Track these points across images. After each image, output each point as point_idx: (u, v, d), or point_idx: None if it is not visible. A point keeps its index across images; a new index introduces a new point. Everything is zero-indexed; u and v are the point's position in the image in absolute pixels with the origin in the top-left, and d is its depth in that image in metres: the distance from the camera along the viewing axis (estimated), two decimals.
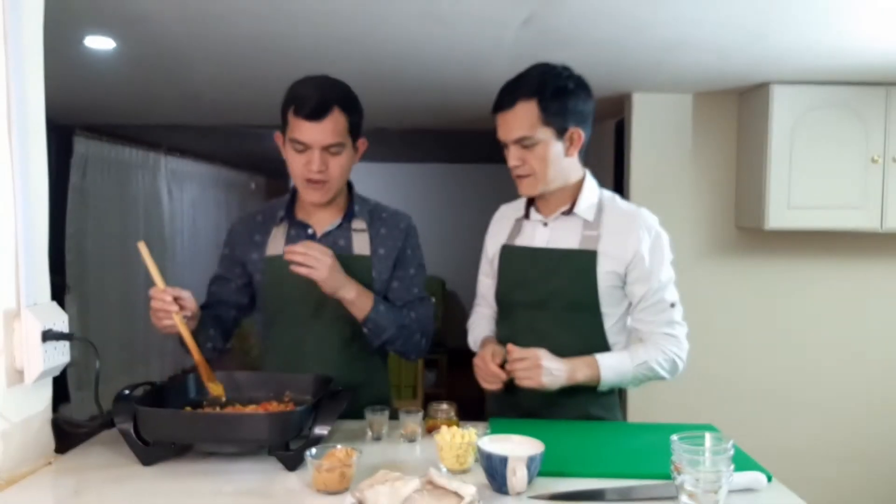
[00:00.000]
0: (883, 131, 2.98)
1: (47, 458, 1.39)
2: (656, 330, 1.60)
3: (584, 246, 1.60)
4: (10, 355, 1.31)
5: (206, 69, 2.89)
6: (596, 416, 1.66)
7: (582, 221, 1.62)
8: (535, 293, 1.63)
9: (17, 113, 1.30)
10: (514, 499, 1.20)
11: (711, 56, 2.61)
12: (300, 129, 1.59)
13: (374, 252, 1.72)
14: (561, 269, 1.60)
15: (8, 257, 1.31)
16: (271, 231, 1.74)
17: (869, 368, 3.41)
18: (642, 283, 1.58)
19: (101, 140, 4.95)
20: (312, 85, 1.62)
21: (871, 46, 2.43)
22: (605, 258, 1.58)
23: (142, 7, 2.09)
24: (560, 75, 1.56)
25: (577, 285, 1.59)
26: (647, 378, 1.59)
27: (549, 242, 1.64)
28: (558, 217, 1.64)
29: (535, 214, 1.68)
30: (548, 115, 1.52)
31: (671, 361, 1.60)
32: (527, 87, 1.54)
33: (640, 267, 1.58)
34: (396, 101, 3.53)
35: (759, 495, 1.24)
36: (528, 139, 1.54)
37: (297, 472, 1.31)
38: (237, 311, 1.82)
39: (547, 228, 1.65)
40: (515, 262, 1.68)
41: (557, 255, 1.61)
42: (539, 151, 1.55)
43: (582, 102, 1.57)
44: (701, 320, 3.44)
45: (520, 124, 1.54)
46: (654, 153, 3.36)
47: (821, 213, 3.02)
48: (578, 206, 1.62)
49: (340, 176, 1.65)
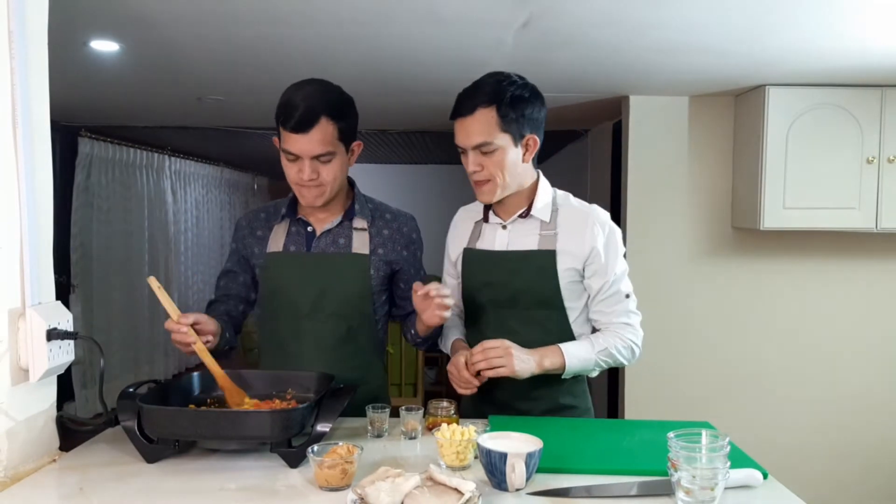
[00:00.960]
0: (878, 132, 2.99)
1: (52, 456, 1.40)
2: (614, 319, 1.66)
3: (542, 246, 1.66)
4: (15, 354, 1.32)
5: (210, 71, 2.91)
6: (567, 405, 1.72)
7: (539, 222, 1.68)
8: (501, 293, 1.69)
9: (23, 114, 1.31)
10: (513, 495, 1.21)
11: (708, 58, 2.62)
12: (288, 141, 1.61)
13: (372, 251, 1.74)
14: (523, 270, 1.66)
15: (13, 257, 1.32)
16: (273, 228, 1.76)
17: (864, 367, 3.42)
18: (599, 277, 1.65)
19: (105, 141, 4.97)
20: (300, 95, 1.60)
21: (867, 48, 2.44)
22: (564, 255, 1.64)
23: (146, 10, 2.11)
24: (516, 83, 1.60)
25: (540, 284, 1.65)
26: (608, 364, 1.66)
27: (510, 245, 1.69)
28: (516, 220, 1.69)
29: (493, 217, 1.73)
30: (506, 122, 1.57)
31: (629, 348, 1.66)
32: (485, 94, 1.58)
33: (596, 262, 1.64)
34: (397, 102, 3.54)
35: (755, 492, 1.25)
36: (488, 145, 1.58)
37: (299, 468, 1.32)
38: (245, 305, 1.84)
39: (506, 231, 1.70)
40: (479, 265, 1.73)
41: (518, 257, 1.67)
42: (497, 157, 1.59)
43: (537, 110, 1.62)
44: (697, 320, 3.48)
45: (479, 130, 1.58)
46: (651, 155, 3.38)
47: (816, 213, 3.04)
48: (535, 207, 1.68)
49: (333, 180, 1.66)
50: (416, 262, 1.83)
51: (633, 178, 3.40)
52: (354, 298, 1.71)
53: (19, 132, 1.31)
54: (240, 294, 1.82)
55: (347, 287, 1.71)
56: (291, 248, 1.74)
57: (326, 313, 1.70)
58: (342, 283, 1.71)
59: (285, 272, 1.71)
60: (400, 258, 1.78)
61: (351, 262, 1.71)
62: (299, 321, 1.72)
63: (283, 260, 1.72)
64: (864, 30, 2.24)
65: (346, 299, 1.71)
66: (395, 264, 1.78)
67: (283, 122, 1.60)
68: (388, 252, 1.76)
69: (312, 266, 1.71)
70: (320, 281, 1.70)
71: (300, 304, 1.71)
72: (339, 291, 1.70)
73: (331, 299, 1.69)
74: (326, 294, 1.70)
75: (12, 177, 1.31)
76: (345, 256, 1.71)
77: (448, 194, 7.71)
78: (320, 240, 1.73)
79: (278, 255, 1.73)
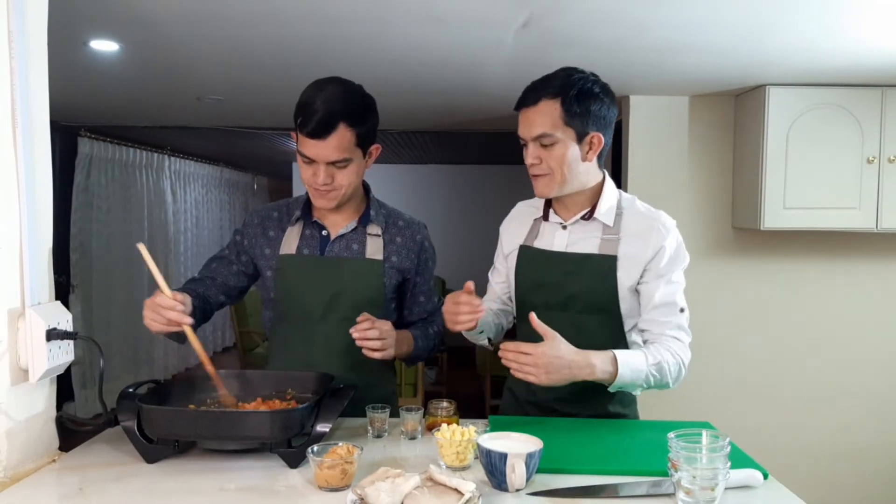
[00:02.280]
0: (878, 132, 3.00)
1: (51, 456, 1.40)
2: (666, 332, 1.57)
3: (603, 250, 1.58)
4: (15, 354, 1.32)
5: (209, 71, 2.90)
6: (615, 414, 1.65)
7: (601, 225, 1.61)
8: (555, 296, 1.62)
9: (22, 114, 1.31)
10: (513, 495, 1.21)
11: (708, 58, 2.62)
12: (305, 145, 1.58)
13: (386, 258, 1.72)
14: (580, 274, 1.59)
15: (13, 257, 1.32)
16: (286, 229, 1.74)
17: (865, 367, 3.42)
18: (656, 284, 1.57)
19: (104, 141, 4.97)
20: (321, 98, 1.55)
21: (867, 48, 2.44)
22: (625, 262, 1.57)
23: (146, 10, 2.11)
24: (586, 79, 1.55)
25: (597, 289, 1.58)
26: (656, 381, 1.54)
27: (569, 246, 1.62)
28: (577, 221, 1.63)
29: (553, 217, 1.67)
30: (569, 116, 1.52)
31: (678, 365, 1.56)
32: (552, 86, 1.53)
33: (655, 268, 1.57)
34: (397, 102, 3.54)
35: (755, 492, 1.25)
36: (548, 137, 1.53)
37: (299, 469, 1.32)
38: (225, 296, 1.78)
39: (566, 231, 1.64)
40: (534, 265, 1.66)
41: (577, 259, 1.60)
42: (557, 151, 1.54)
43: (605, 108, 1.55)
44: (697, 320, 3.44)
45: (541, 121, 1.53)
46: (651, 154, 3.38)
47: (816, 213, 3.04)
48: (598, 210, 1.60)
49: (349, 185, 1.64)
50: (427, 271, 1.82)
51: (633, 178, 3.39)
52: (367, 304, 1.69)
53: (19, 132, 1.31)
54: (226, 282, 1.78)
55: (361, 292, 1.70)
56: (305, 251, 1.71)
57: (338, 318, 1.68)
58: (356, 289, 1.69)
59: (299, 275, 1.69)
60: (412, 267, 1.77)
61: (365, 267, 1.70)
62: (311, 325, 1.70)
63: (297, 263, 1.70)
64: (865, 30, 2.24)
65: (358, 305, 1.68)
66: (407, 272, 1.76)
67: (300, 124, 1.57)
68: (401, 260, 1.75)
69: (326, 270, 1.69)
70: (334, 285, 1.68)
71: (312, 308, 1.69)
72: (353, 296, 1.69)
73: (343, 304, 1.68)
74: (339, 298, 1.68)
75: (12, 177, 1.31)
76: (359, 262, 1.70)
77: (448, 195, 7.74)
78: (334, 244, 1.71)
79: (292, 257, 1.71)
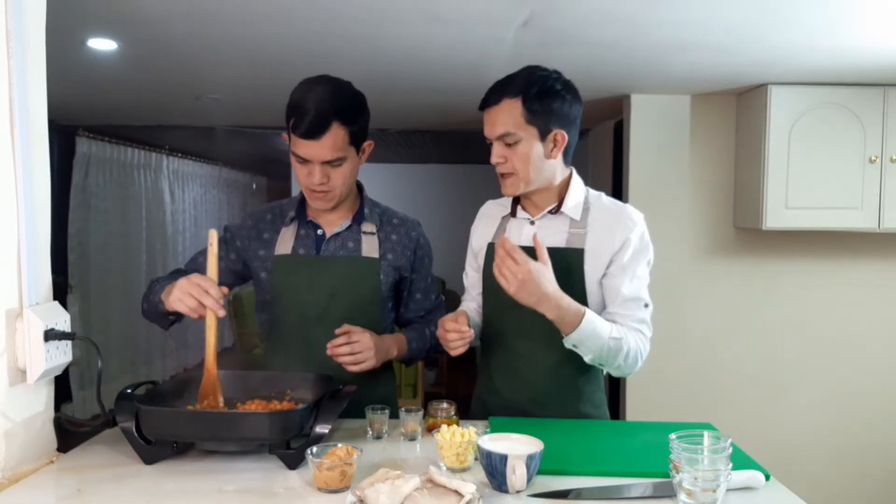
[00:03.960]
0: (880, 131, 2.99)
1: (49, 457, 1.39)
2: (630, 324, 1.58)
3: (570, 244, 1.61)
4: (13, 355, 1.32)
5: (208, 70, 2.90)
6: (585, 415, 1.68)
7: (569, 220, 1.63)
8: None
9: (20, 113, 1.30)
10: (513, 497, 1.21)
11: (710, 57, 2.61)
12: (298, 146, 1.58)
13: (382, 256, 1.72)
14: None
15: (10, 257, 1.31)
16: (280, 230, 1.74)
17: (867, 368, 3.42)
18: (620, 278, 1.59)
19: (103, 140, 4.97)
20: (312, 98, 1.55)
21: (869, 47, 2.44)
22: (592, 255, 1.59)
23: (144, 9, 2.10)
24: (548, 77, 1.57)
25: (565, 283, 1.57)
26: (609, 356, 1.53)
27: None
28: (545, 216, 1.65)
29: (521, 213, 1.69)
30: (531, 115, 1.54)
31: (636, 354, 1.56)
32: (514, 85, 1.55)
33: (619, 260, 1.59)
34: (397, 101, 3.54)
35: (757, 493, 1.24)
36: (511, 136, 1.55)
37: (298, 470, 1.32)
38: None
39: (533, 227, 1.66)
40: None
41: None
42: (521, 150, 1.55)
43: (567, 105, 1.57)
44: (699, 319, 3.47)
45: (503, 121, 1.55)
46: (652, 154, 3.37)
47: (818, 213, 3.04)
48: (565, 205, 1.63)
49: (344, 184, 1.64)
50: (424, 268, 1.82)
51: (634, 178, 3.39)
52: (364, 303, 1.69)
53: (17, 132, 1.30)
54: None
55: (358, 291, 1.69)
56: (301, 250, 1.71)
57: (336, 317, 1.67)
58: (352, 287, 1.69)
59: (295, 275, 1.69)
60: (408, 264, 1.77)
61: (362, 265, 1.70)
62: (308, 325, 1.69)
63: (293, 262, 1.70)
64: (867, 29, 2.24)
65: (355, 303, 1.68)
66: (403, 270, 1.76)
67: (293, 126, 1.56)
68: (397, 257, 1.74)
69: (323, 269, 1.69)
70: (330, 284, 1.68)
71: (309, 308, 1.69)
72: (350, 295, 1.68)
73: (340, 303, 1.67)
74: (336, 298, 1.68)
75: (10, 177, 1.31)
76: (356, 260, 1.69)
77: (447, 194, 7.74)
78: (329, 243, 1.71)
79: (287, 257, 1.70)
